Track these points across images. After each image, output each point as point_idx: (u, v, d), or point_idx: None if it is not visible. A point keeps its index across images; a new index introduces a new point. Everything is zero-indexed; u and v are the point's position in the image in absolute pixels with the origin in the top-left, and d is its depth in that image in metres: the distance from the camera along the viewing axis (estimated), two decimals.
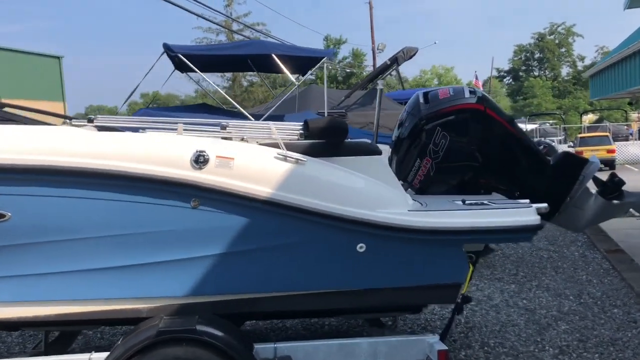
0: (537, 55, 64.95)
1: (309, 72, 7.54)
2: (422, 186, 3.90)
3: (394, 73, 10.61)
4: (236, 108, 7.81)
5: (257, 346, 2.96)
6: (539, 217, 3.12)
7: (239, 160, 2.85)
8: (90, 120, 2.96)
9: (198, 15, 15.47)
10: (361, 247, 2.96)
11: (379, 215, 2.92)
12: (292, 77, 7.14)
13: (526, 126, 30.42)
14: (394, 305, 3.24)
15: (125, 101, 6.60)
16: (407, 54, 9.65)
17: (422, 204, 3.28)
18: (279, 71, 7.15)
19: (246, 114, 6.97)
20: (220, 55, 7.22)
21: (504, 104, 63.67)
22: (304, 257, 2.95)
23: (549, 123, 36.49)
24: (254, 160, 2.89)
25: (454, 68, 60.71)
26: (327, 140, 3.19)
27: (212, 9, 29.00)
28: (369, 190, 3.03)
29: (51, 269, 2.81)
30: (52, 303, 2.89)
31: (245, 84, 39.16)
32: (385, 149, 4.21)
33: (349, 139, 3.59)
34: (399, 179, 3.99)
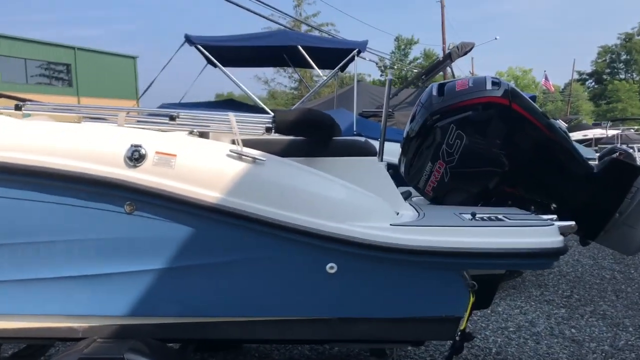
0: (623, 57, 61.27)
1: (339, 65, 6.94)
2: (435, 194, 3.31)
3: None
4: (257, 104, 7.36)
5: None
6: (561, 239, 2.45)
7: (183, 158, 2.37)
8: (18, 108, 2.57)
9: (267, 18, 15.29)
10: (331, 268, 2.40)
11: (349, 229, 2.35)
12: (319, 71, 6.61)
13: (607, 132, 28.42)
14: (377, 339, 2.66)
15: (142, 94, 6.31)
16: (462, 49, 8.96)
17: (419, 216, 2.69)
18: (311, 66, 6.65)
19: (267, 109, 6.51)
20: (244, 47, 6.74)
21: (586, 108, 60.55)
22: (260, 276, 2.42)
23: (633, 129, 34.04)
24: (201, 158, 2.40)
25: (532, 70, 58.41)
26: (299, 136, 2.66)
27: (280, 11, 28.98)
28: (342, 198, 2.47)
29: None
30: None
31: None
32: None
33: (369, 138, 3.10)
34: (411, 185, 3.43)
